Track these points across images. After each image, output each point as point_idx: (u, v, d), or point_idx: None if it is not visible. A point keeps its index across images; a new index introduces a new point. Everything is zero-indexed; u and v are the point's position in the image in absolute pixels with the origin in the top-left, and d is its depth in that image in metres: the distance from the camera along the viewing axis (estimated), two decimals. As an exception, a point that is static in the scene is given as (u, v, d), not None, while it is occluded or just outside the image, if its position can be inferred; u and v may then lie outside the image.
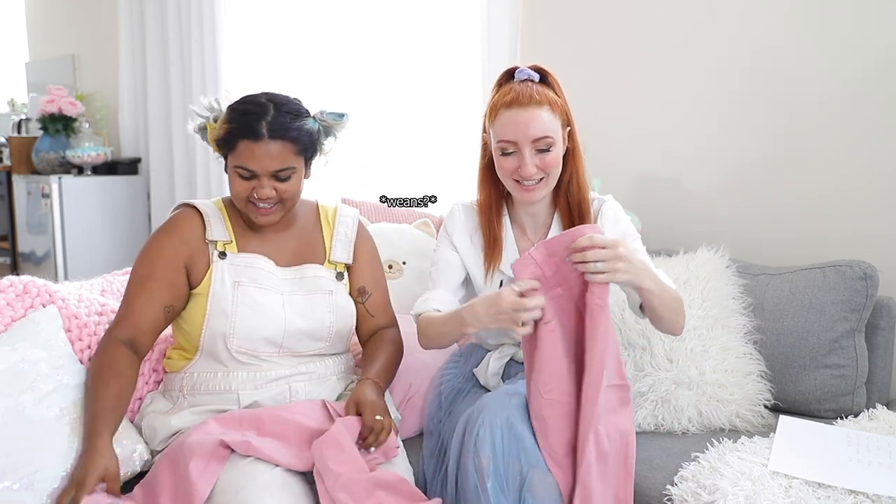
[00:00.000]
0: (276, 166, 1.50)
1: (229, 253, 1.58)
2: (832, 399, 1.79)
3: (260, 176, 1.50)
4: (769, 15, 2.09)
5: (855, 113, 1.97)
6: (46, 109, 3.97)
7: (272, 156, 1.49)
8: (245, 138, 1.48)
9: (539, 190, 1.55)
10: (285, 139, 1.50)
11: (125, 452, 1.45)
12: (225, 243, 1.58)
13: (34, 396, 1.40)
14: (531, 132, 1.50)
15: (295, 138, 1.51)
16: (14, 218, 4.35)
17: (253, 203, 1.53)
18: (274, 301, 1.56)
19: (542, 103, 1.50)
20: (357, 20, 3.03)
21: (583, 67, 2.41)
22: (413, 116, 2.93)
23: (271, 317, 1.55)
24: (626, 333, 1.84)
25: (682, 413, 1.74)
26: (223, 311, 1.53)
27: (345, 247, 1.69)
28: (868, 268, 1.79)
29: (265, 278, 1.57)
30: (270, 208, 1.55)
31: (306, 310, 1.59)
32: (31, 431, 1.37)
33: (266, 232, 1.62)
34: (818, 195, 2.05)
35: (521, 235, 1.65)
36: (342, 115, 1.63)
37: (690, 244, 2.04)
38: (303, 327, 1.57)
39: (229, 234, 1.59)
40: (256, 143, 1.48)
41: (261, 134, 1.48)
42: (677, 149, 2.29)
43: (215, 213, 1.61)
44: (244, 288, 1.55)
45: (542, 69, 1.57)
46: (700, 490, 1.41)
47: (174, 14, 3.59)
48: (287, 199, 1.55)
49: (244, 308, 1.53)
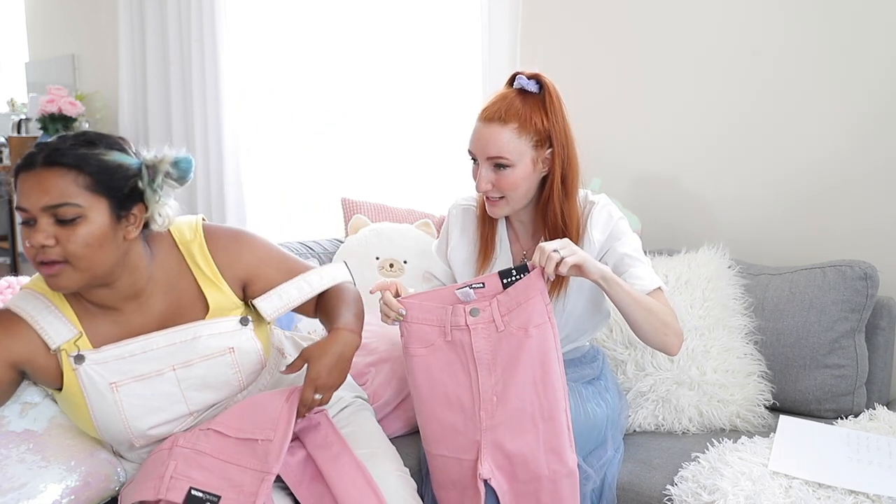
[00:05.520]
0: (49, 200, 1.17)
1: (85, 352, 1.28)
2: (832, 399, 1.79)
3: (35, 217, 1.18)
4: (769, 15, 2.08)
5: (855, 113, 1.97)
6: (46, 109, 3.97)
7: (44, 187, 1.18)
8: (20, 171, 1.21)
9: (500, 206, 1.53)
10: (63, 165, 1.19)
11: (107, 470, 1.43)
12: (75, 341, 1.28)
13: (20, 409, 1.38)
14: (485, 149, 1.48)
15: (76, 166, 1.19)
16: (14, 218, 4.35)
17: (40, 266, 1.21)
18: (166, 384, 1.33)
19: (508, 122, 1.46)
20: (357, 21, 3.02)
21: (583, 68, 2.41)
22: (412, 116, 2.93)
23: (169, 402, 1.34)
24: (626, 333, 1.84)
25: (682, 413, 1.74)
26: (112, 416, 1.30)
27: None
28: (868, 268, 1.79)
29: (144, 362, 1.31)
30: (55, 266, 1.20)
31: (208, 378, 1.36)
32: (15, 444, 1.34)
33: (118, 308, 1.32)
34: (818, 195, 2.04)
35: (515, 240, 1.65)
36: (182, 159, 1.30)
37: (690, 244, 2.04)
38: (210, 399, 1.38)
39: (74, 326, 1.29)
40: (29, 173, 1.19)
41: (34, 162, 1.19)
42: (677, 149, 2.28)
43: (44, 307, 1.29)
44: (124, 387, 1.30)
45: (542, 80, 1.50)
46: (700, 490, 1.41)
47: (174, 14, 3.59)
48: (73, 256, 1.19)
49: (132, 409, 1.31)
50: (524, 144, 1.47)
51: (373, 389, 1.81)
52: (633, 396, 1.78)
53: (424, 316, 1.44)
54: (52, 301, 1.30)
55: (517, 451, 1.37)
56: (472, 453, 1.40)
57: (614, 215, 1.56)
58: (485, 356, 1.41)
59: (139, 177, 1.26)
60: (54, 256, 1.19)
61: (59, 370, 1.29)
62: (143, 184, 1.27)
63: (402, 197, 2.82)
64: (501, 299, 1.40)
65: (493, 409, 1.39)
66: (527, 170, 1.49)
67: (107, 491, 1.41)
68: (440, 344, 1.43)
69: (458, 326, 1.42)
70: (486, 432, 1.39)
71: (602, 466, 1.55)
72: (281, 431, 1.32)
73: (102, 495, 1.41)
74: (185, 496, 1.25)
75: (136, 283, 1.32)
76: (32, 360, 1.28)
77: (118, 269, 1.27)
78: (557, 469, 1.36)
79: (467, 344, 1.41)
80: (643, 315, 1.43)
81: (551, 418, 1.38)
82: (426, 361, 1.44)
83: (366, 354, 1.91)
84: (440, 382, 1.43)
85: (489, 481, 1.37)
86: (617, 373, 1.82)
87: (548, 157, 1.50)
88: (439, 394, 1.43)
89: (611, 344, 1.86)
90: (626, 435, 1.72)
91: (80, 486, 1.37)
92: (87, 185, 1.21)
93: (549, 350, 1.38)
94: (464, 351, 1.42)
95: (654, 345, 1.50)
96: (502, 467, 1.38)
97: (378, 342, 1.92)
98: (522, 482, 1.37)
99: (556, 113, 1.49)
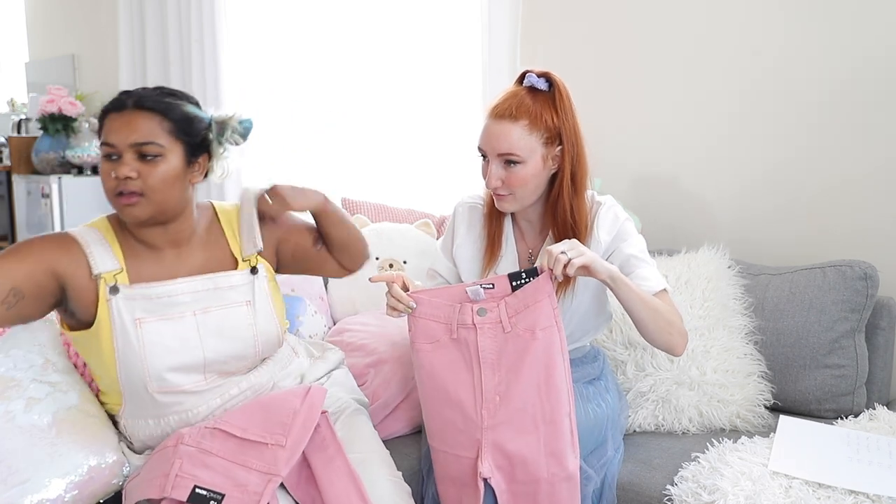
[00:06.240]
0: (137, 138, 1.34)
1: (121, 286, 1.39)
2: (832, 399, 1.79)
3: (122, 153, 1.34)
4: (769, 16, 2.08)
5: (855, 113, 1.97)
6: (46, 109, 3.97)
7: (133, 126, 1.35)
8: (111, 112, 1.38)
9: (508, 202, 1.53)
10: (152, 110, 1.36)
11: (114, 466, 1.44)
12: (115, 273, 1.39)
13: (25, 404, 1.39)
14: (495, 145, 1.49)
15: (162, 111, 1.37)
16: (14, 218, 4.35)
17: (117, 196, 1.36)
18: (186, 328, 1.42)
19: (519, 118, 1.47)
20: (357, 21, 3.03)
21: (583, 68, 2.41)
22: (413, 116, 2.93)
23: (186, 346, 1.41)
24: (626, 333, 1.84)
25: (682, 413, 1.74)
26: (132, 352, 1.38)
27: (250, 236, 1.52)
28: (868, 268, 1.79)
29: (169, 305, 1.41)
30: (133, 197, 1.35)
31: (224, 328, 1.45)
32: (21, 439, 1.35)
33: (162, 249, 1.45)
34: (818, 195, 2.05)
35: (521, 239, 1.65)
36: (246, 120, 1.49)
37: (690, 244, 2.04)
38: (225, 349, 1.45)
39: (118, 261, 1.41)
40: (120, 114, 1.36)
41: (125, 104, 1.37)
42: (678, 149, 2.29)
43: (98, 239, 1.42)
44: (147, 325, 1.39)
45: (552, 78, 1.51)
46: (700, 490, 1.41)
47: (174, 14, 3.59)
48: (150, 189, 1.35)
49: (154, 348, 1.39)
50: (534, 141, 1.48)
51: (372, 390, 1.82)
52: (633, 396, 1.78)
53: (433, 312, 1.45)
54: (105, 237, 1.43)
55: (517, 452, 1.37)
56: (472, 451, 1.40)
57: (620, 216, 1.57)
58: (490, 355, 1.41)
59: (209, 130, 1.44)
60: (134, 188, 1.34)
61: (95, 298, 1.38)
62: (213, 136, 1.45)
63: (402, 197, 2.82)
64: (509, 301, 1.40)
65: (495, 408, 1.39)
66: (537, 166, 1.50)
67: (110, 486, 1.42)
68: (445, 341, 1.44)
69: (464, 325, 1.42)
70: (488, 431, 1.39)
71: (602, 466, 1.55)
72: (294, 437, 1.35)
73: (106, 490, 1.42)
74: (190, 494, 1.26)
75: (184, 230, 1.46)
76: (74, 279, 1.38)
77: (178, 209, 1.42)
78: (556, 472, 1.37)
79: (472, 343, 1.42)
80: (649, 315, 1.44)
81: (553, 422, 1.38)
82: (430, 357, 1.45)
83: (365, 356, 1.91)
84: (442, 379, 1.44)
85: (489, 480, 1.37)
86: (617, 373, 1.82)
87: (557, 155, 1.51)
88: (441, 390, 1.44)
89: (611, 344, 1.86)
90: (626, 435, 1.72)
91: (83, 481, 1.38)
92: (169, 129, 1.37)
93: (554, 353, 1.39)
94: (468, 349, 1.42)
95: (659, 345, 1.50)
96: (502, 467, 1.38)
97: (377, 343, 1.92)
98: (521, 483, 1.37)
99: (565, 111, 1.50)
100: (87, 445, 1.41)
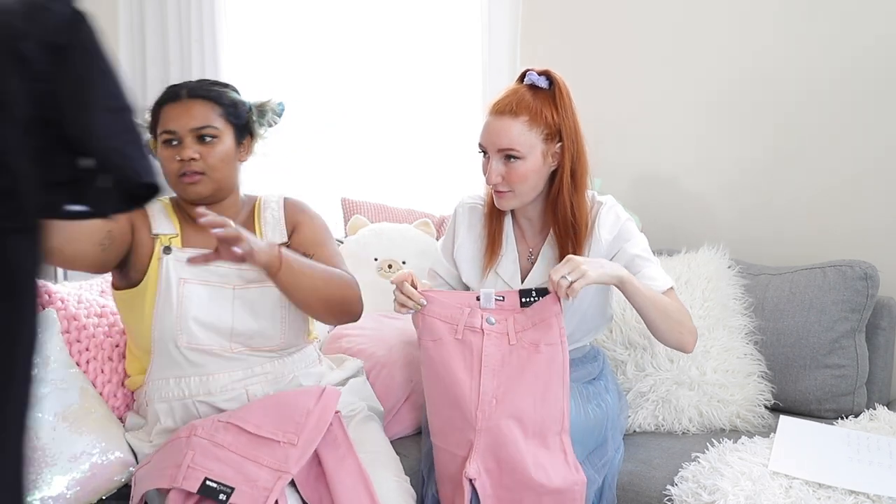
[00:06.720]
0: (196, 124, 1.51)
1: (174, 248, 1.54)
2: (832, 399, 1.79)
3: (182, 138, 1.50)
4: (767, 15, 2.08)
5: (855, 113, 1.97)
6: (46, 109, 3.97)
7: (191, 114, 1.51)
8: (166, 103, 1.53)
9: (508, 199, 1.54)
10: (206, 98, 1.53)
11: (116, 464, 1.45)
12: (171, 237, 1.55)
13: None
14: (496, 141, 1.50)
15: (215, 98, 1.54)
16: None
17: (181, 177, 1.51)
18: (222, 296, 1.53)
19: (519, 115, 1.48)
20: (357, 21, 3.02)
21: (583, 67, 2.40)
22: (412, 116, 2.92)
23: (218, 311, 1.51)
24: (626, 333, 1.84)
25: (682, 413, 1.74)
26: (170, 308, 1.49)
27: (274, 229, 1.63)
28: (868, 268, 1.79)
29: (214, 273, 1.53)
30: (195, 176, 1.51)
31: (257, 304, 1.54)
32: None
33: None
34: (818, 195, 2.04)
35: (521, 238, 1.65)
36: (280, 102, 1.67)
37: (690, 244, 2.04)
38: (253, 326, 1.54)
39: (175, 228, 1.57)
40: (176, 104, 1.52)
41: (180, 94, 1.53)
42: (677, 149, 2.28)
43: (160, 208, 1.59)
44: (190, 285, 1.51)
45: (552, 75, 1.52)
46: (700, 490, 1.41)
47: (174, 14, 3.59)
48: (211, 168, 1.52)
49: (190, 304, 1.50)
50: (535, 137, 1.49)
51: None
52: (633, 397, 1.78)
53: (440, 311, 1.47)
54: (165, 209, 1.60)
55: (507, 458, 1.37)
56: (465, 450, 1.40)
57: (622, 216, 1.58)
58: (492, 360, 1.43)
59: (251, 113, 1.62)
60: (196, 168, 1.50)
61: (149, 256, 1.53)
62: (255, 118, 1.63)
63: (402, 197, 2.82)
64: (518, 317, 1.44)
65: (490, 411, 1.40)
66: (537, 162, 1.50)
67: (112, 482, 1.43)
68: (448, 340, 1.45)
69: (472, 328, 1.44)
70: (481, 433, 1.39)
71: (602, 466, 1.54)
72: (306, 436, 1.37)
73: (108, 486, 1.43)
74: (200, 485, 1.28)
75: (231, 208, 1.60)
76: (140, 233, 1.54)
77: (231, 186, 1.60)
78: (544, 484, 1.35)
79: (477, 346, 1.43)
80: (659, 315, 1.46)
81: (543, 435, 1.39)
82: (431, 354, 1.47)
83: (363, 360, 1.90)
84: (440, 377, 1.45)
85: (474, 482, 1.37)
86: (617, 373, 1.82)
87: (557, 152, 1.52)
88: (440, 387, 1.45)
89: (611, 344, 1.86)
90: (626, 435, 1.72)
91: (85, 478, 1.39)
92: (222, 114, 1.55)
93: (555, 371, 1.41)
94: (471, 352, 1.43)
95: (670, 343, 1.52)
96: (491, 470, 1.38)
97: (375, 347, 1.90)
98: (507, 489, 1.37)
99: (565, 108, 1.52)
100: (89, 442, 1.42)
